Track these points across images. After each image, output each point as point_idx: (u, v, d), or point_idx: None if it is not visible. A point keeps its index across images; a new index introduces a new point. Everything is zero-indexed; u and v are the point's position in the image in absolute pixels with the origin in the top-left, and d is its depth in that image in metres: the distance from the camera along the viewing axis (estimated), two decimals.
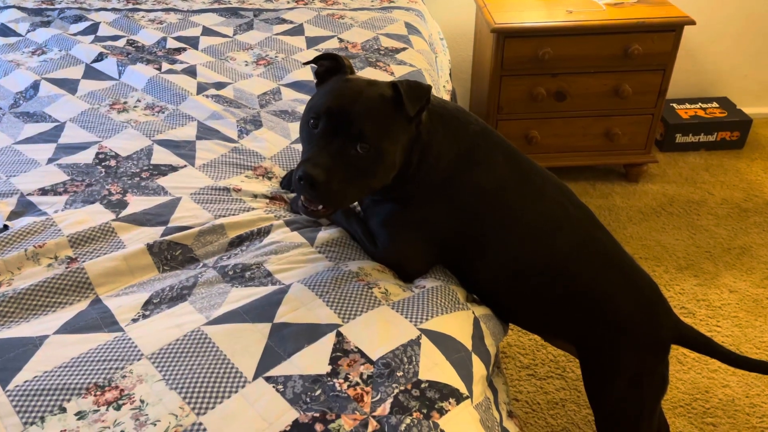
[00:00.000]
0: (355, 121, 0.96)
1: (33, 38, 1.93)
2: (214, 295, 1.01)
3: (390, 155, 1.00)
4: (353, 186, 0.99)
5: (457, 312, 1.03)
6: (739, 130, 2.66)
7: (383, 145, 0.98)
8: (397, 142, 1.01)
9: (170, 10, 2.16)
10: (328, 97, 1.00)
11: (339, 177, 0.95)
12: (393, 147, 1.00)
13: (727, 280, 2.03)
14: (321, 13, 2.13)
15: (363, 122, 0.96)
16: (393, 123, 1.00)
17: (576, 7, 2.28)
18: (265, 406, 0.82)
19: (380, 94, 1.00)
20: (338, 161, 0.96)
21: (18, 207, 1.21)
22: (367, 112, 0.97)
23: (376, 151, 0.97)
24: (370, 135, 0.96)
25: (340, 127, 0.97)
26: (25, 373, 0.87)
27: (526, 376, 1.73)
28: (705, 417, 1.62)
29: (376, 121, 0.98)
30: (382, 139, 0.98)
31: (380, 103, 0.99)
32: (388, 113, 0.99)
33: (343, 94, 0.99)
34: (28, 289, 1.01)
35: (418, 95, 0.99)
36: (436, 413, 0.84)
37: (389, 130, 0.99)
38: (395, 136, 1.01)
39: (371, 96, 0.99)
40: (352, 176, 0.97)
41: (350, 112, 0.97)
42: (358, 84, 1.02)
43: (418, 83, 1.00)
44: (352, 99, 0.98)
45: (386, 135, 0.99)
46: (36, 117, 1.54)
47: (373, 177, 1.01)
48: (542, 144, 2.41)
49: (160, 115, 1.54)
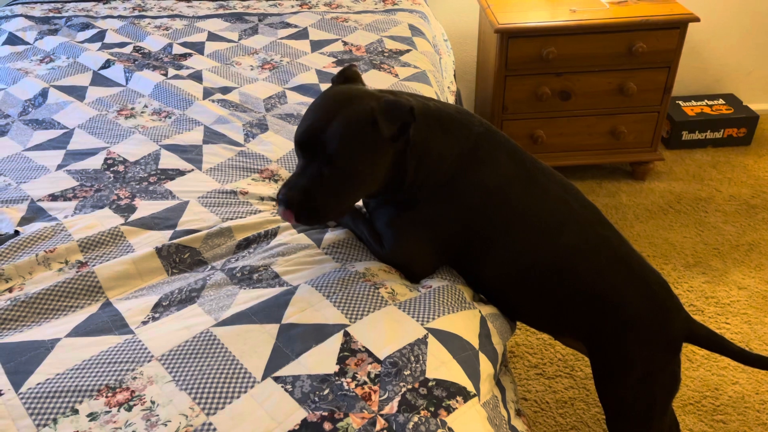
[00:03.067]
0: (328, 144, 0.97)
1: (41, 46, 1.96)
2: (223, 297, 1.02)
3: (364, 174, 1.01)
4: (333, 202, 1.01)
5: (463, 311, 1.04)
6: (745, 126, 2.65)
7: (357, 166, 0.99)
8: (373, 161, 1.01)
9: (176, 16, 2.18)
10: (303, 121, 1.01)
11: (316, 197, 0.99)
12: (369, 166, 1.00)
13: (735, 277, 2.03)
14: (325, 16, 2.14)
15: (333, 146, 0.97)
16: (369, 143, 0.99)
17: (580, 6, 2.28)
18: (274, 406, 0.83)
19: (358, 112, 0.99)
20: (315, 183, 0.99)
21: (28, 213, 1.23)
22: (339, 134, 0.97)
23: (350, 171, 0.99)
24: (341, 158, 0.97)
25: (314, 151, 0.99)
26: (38, 376, 0.88)
27: (534, 375, 1.73)
28: (715, 414, 1.62)
29: (349, 144, 0.97)
30: (355, 161, 0.98)
31: (356, 124, 0.98)
32: (364, 133, 0.98)
33: (317, 114, 1.00)
34: (39, 294, 1.03)
35: (395, 116, 0.98)
36: (443, 411, 0.84)
37: (365, 150, 0.99)
38: (371, 156, 1.00)
39: (347, 115, 0.98)
40: (330, 195, 1.00)
41: (321, 137, 0.98)
42: (337, 99, 1.01)
43: (395, 103, 0.98)
44: (326, 118, 0.99)
45: (361, 155, 0.99)
46: (45, 124, 1.55)
47: (352, 193, 1.02)
48: (548, 143, 2.41)
49: (167, 120, 1.55)
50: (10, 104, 1.65)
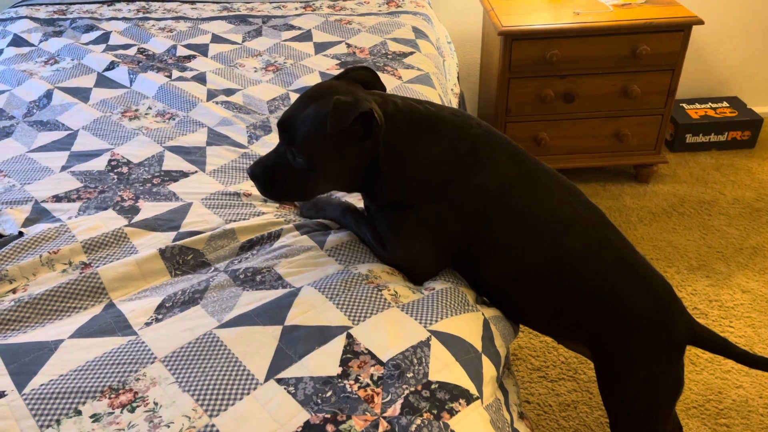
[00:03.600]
0: (294, 130, 1.04)
1: (45, 48, 1.96)
2: (226, 299, 1.02)
3: (325, 167, 1.05)
4: (295, 186, 1.08)
5: (466, 313, 1.04)
6: (749, 129, 2.64)
7: (315, 156, 1.04)
8: (334, 156, 1.05)
9: (180, 18, 2.18)
10: (290, 106, 1.09)
11: (278, 176, 1.07)
12: (328, 160, 1.05)
13: (739, 280, 2.02)
14: (329, 18, 2.14)
15: (297, 132, 1.04)
16: (331, 138, 1.03)
17: (583, 9, 2.28)
18: (277, 408, 0.83)
19: (324, 107, 1.03)
20: (278, 162, 1.07)
21: (32, 214, 1.23)
22: (304, 124, 1.03)
23: (308, 159, 1.04)
24: (301, 145, 1.04)
25: (285, 134, 1.06)
26: (41, 377, 0.89)
27: (537, 378, 1.73)
28: (718, 418, 1.61)
29: (309, 133, 1.03)
30: (314, 152, 1.04)
31: (319, 116, 1.03)
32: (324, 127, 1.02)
33: (298, 103, 1.07)
34: (43, 295, 1.03)
35: (342, 116, 0.99)
36: (446, 414, 0.84)
37: (325, 144, 1.03)
38: (331, 150, 1.04)
39: (317, 109, 1.04)
40: (292, 178, 1.07)
41: (291, 121, 1.05)
42: (320, 91, 1.07)
43: (347, 106, 0.99)
44: (301, 108, 1.06)
45: (320, 148, 1.03)
46: (49, 125, 1.56)
47: (313, 182, 1.07)
48: (551, 146, 2.41)
49: (171, 122, 1.56)
50: (14, 105, 1.65)
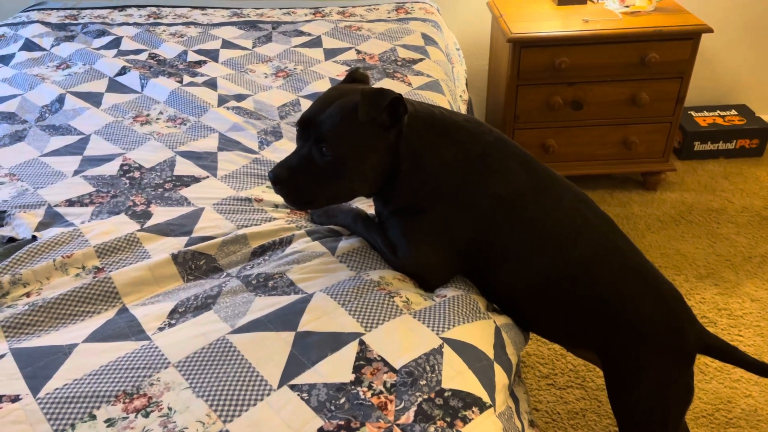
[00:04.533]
0: (320, 126, 1.03)
1: (57, 53, 1.98)
2: (238, 304, 1.02)
3: (354, 160, 1.05)
4: (322, 188, 1.05)
5: (478, 321, 1.04)
6: (758, 137, 2.64)
7: (346, 150, 1.03)
8: (364, 148, 1.05)
9: (190, 23, 2.19)
10: (310, 106, 1.08)
11: (304, 177, 1.04)
12: (359, 153, 1.05)
13: (748, 288, 2.01)
14: (338, 25, 2.15)
15: (326, 128, 1.03)
16: (359, 129, 1.03)
17: (592, 17, 2.28)
18: (291, 414, 0.83)
19: (353, 101, 1.04)
20: (304, 163, 1.04)
21: (46, 218, 1.24)
22: (332, 118, 1.03)
23: (338, 155, 1.03)
24: (331, 140, 1.02)
25: (309, 133, 1.05)
26: (56, 381, 0.89)
27: (545, 385, 1.73)
28: (728, 427, 1.60)
29: (339, 127, 1.03)
30: (344, 145, 1.03)
31: (347, 110, 1.03)
32: (354, 119, 1.03)
33: (320, 103, 1.07)
34: (56, 299, 1.04)
35: (374, 102, 1.00)
36: (459, 422, 0.84)
37: (353, 136, 1.03)
38: (360, 142, 1.04)
39: (342, 102, 1.04)
40: (319, 178, 1.04)
41: (316, 119, 1.04)
42: (340, 90, 1.08)
43: (380, 91, 1.02)
44: (323, 106, 1.05)
45: (349, 140, 1.03)
46: (61, 130, 1.57)
47: (340, 180, 1.05)
48: (559, 153, 2.41)
49: (182, 127, 1.56)
50: (27, 110, 1.66)
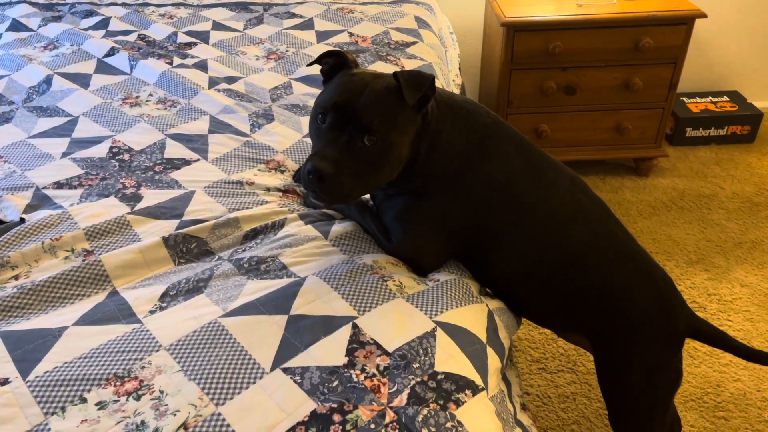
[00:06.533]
0: (362, 113, 0.97)
1: (45, 33, 1.94)
2: (230, 288, 1.01)
3: (398, 147, 1.01)
4: (362, 179, 0.99)
5: (471, 305, 1.03)
6: (749, 124, 2.65)
7: (391, 136, 0.99)
8: (404, 133, 1.01)
9: (180, 4, 2.16)
10: (335, 91, 1.01)
11: (348, 170, 0.96)
12: (401, 138, 1.01)
13: (738, 274, 2.03)
14: (331, 7, 2.13)
15: (370, 114, 0.97)
16: (400, 114, 1.00)
17: (586, 1, 2.27)
18: (283, 397, 0.83)
19: (386, 85, 1.00)
20: (346, 154, 0.96)
21: (34, 200, 1.22)
22: (373, 104, 0.98)
23: (384, 142, 0.98)
24: (377, 127, 0.97)
25: (348, 120, 0.98)
26: (45, 364, 0.88)
27: (536, 369, 1.74)
28: (716, 411, 1.62)
29: (383, 113, 0.98)
30: (390, 131, 0.99)
31: (386, 95, 0.99)
32: (394, 104, 0.99)
33: (349, 88, 1.00)
34: (46, 282, 1.02)
35: (418, 84, 0.98)
36: (452, 404, 0.84)
37: (396, 121, 1.00)
38: (402, 127, 1.01)
39: (377, 88, 1.00)
40: (360, 169, 0.98)
41: (357, 105, 0.98)
42: (363, 77, 1.03)
43: (419, 72, 0.99)
44: (358, 92, 0.99)
45: (393, 126, 0.99)
46: (49, 111, 1.54)
47: (382, 169, 1.01)
48: (552, 138, 2.40)
49: (173, 110, 1.54)
50: (14, 91, 1.63)
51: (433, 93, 1.02)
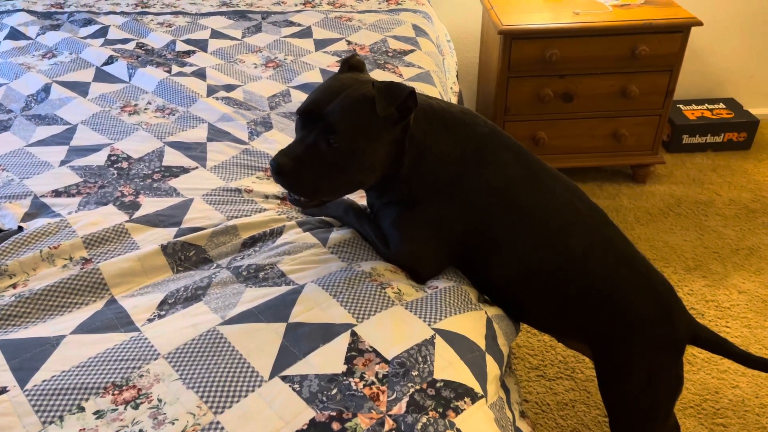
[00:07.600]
0: (329, 115, 1.00)
1: (43, 41, 1.94)
2: (229, 296, 1.01)
3: (366, 153, 1.02)
4: (328, 178, 1.01)
5: (470, 312, 1.03)
6: (746, 131, 2.66)
7: (357, 141, 1.00)
8: (375, 141, 1.02)
9: (179, 13, 2.17)
10: (310, 94, 1.05)
11: (309, 167, 0.99)
12: (370, 145, 1.02)
13: (735, 280, 2.03)
14: (329, 15, 2.14)
15: (335, 116, 0.99)
16: (370, 121, 1.01)
17: (583, 9, 2.28)
18: (282, 405, 0.83)
19: (363, 93, 1.02)
20: (309, 152, 1.00)
21: (32, 209, 1.22)
22: (342, 107, 1.00)
23: (347, 145, 1.00)
24: (340, 129, 0.99)
25: (315, 121, 1.01)
26: (43, 373, 0.88)
27: (535, 376, 1.73)
28: (715, 418, 1.62)
29: (351, 118, 1.00)
30: (356, 136, 1.00)
31: (360, 101, 1.01)
32: (366, 111, 1.00)
33: (323, 91, 1.03)
34: (43, 290, 1.02)
35: (392, 96, 0.98)
36: (451, 412, 0.84)
37: (365, 128, 1.01)
38: (373, 135, 1.02)
39: (351, 94, 1.02)
40: (324, 169, 1.00)
41: (324, 107, 1.00)
42: (345, 82, 1.05)
43: (397, 85, 1.00)
44: (333, 94, 1.02)
45: (360, 132, 1.01)
46: (48, 119, 1.55)
47: (347, 171, 1.02)
48: (549, 145, 2.41)
49: (171, 117, 1.55)
50: (12, 99, 1.64)
51: (415, 105, 1.03)
